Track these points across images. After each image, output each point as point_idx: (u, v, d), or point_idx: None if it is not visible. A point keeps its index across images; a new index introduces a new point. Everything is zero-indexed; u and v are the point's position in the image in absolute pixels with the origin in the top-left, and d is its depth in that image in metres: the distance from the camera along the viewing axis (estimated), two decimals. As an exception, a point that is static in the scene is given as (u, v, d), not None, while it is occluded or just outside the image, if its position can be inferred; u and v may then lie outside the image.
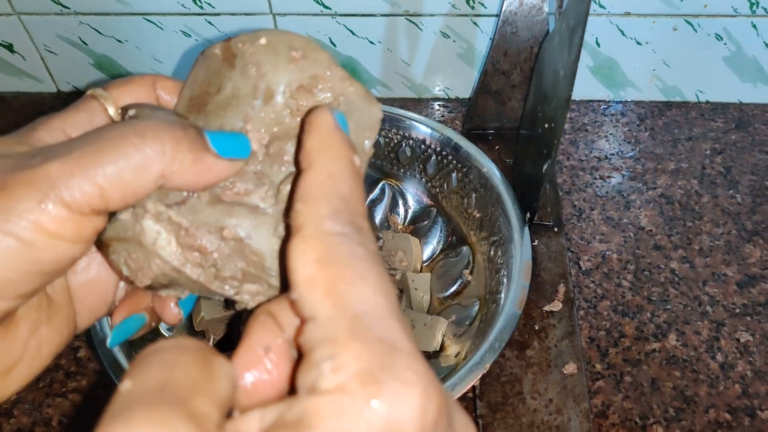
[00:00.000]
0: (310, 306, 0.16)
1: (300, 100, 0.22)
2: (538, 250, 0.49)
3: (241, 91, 0.23)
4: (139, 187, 0.19)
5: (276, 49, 0.22)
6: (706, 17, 0.55)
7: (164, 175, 0.20)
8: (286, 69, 0.22)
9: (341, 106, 0.23)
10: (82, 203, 0.18)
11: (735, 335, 0.46)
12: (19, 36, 0.62)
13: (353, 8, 0.57)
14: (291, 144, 0.22)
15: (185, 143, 0.20)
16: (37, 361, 0.21)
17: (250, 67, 0.23)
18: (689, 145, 0.59)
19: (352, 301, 0.16)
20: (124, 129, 0.19)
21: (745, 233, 0.52)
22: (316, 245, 0.17)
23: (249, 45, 0.23)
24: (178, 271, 0.21)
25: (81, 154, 0.18)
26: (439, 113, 0.63)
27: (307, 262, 0.17)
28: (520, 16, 0.51)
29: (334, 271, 0.16)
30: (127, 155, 0.19)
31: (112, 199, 0.19)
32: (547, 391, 0.42)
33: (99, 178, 0.18)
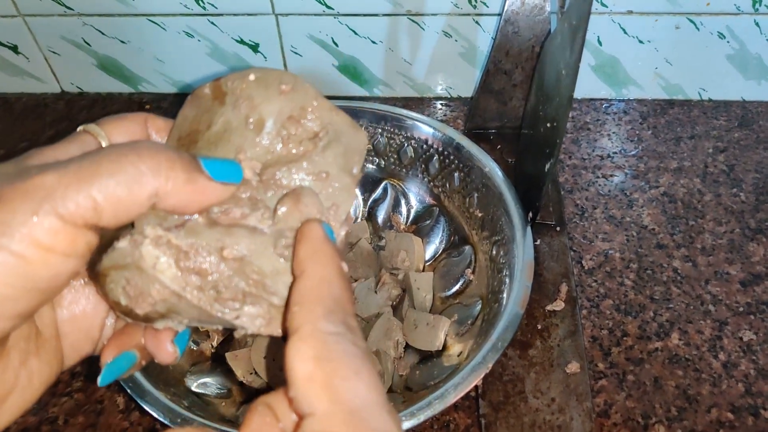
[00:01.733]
0: (308, 401, 0.18)
1: (290, 129, 0.23)
2: (541, 250, 0.49)
3: (232, 124, 0.23)
4: (132, 203, 0.19)
5: (266, 83, 0.24)
6: (709, 15, 0.55)
7: (158, 193, 0.20)
8: (277, 100, 0.23)
9: (329, 134, 0.24)
10: (75, 215, 0.18)
11: (738, 334, 0.46)
12: (23, 37, 0.62)
13: (355, 8, 0.57)
14: (284, 170, 0.23)
15: (179, 163, 0.20)
16: (28, 393, 0.21)
17: (241, 101, 0.23)
18: (692, 143, 0.59)
19: (348, 397, 0.17)
20: (122, 147, 0.20)
21: (748, 231, 0.52)
22: (313, 344, 0.18)
23: (239, 82, 0.24)
24: (178, 296, 0.21)
25: (78, 167, 0.19)
26: (441, 112, 0.63)
27: (304, 360, 0.18)
28: (521, 16, 0.51)
29: (330, 367, 0.18)
30: (123, 170, 0.19)
31: (105, 213, 0.19)
32: (550, 390, 0.42)
33: (93, 191, 0.18)
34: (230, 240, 0.22)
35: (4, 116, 0.65)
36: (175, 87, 0.66)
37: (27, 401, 0.21)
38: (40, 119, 0.65)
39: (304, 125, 0.24)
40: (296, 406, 0.18)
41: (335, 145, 0.24)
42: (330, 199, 0.24)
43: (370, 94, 0.64)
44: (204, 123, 0.24)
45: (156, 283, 0.21)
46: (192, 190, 0.21)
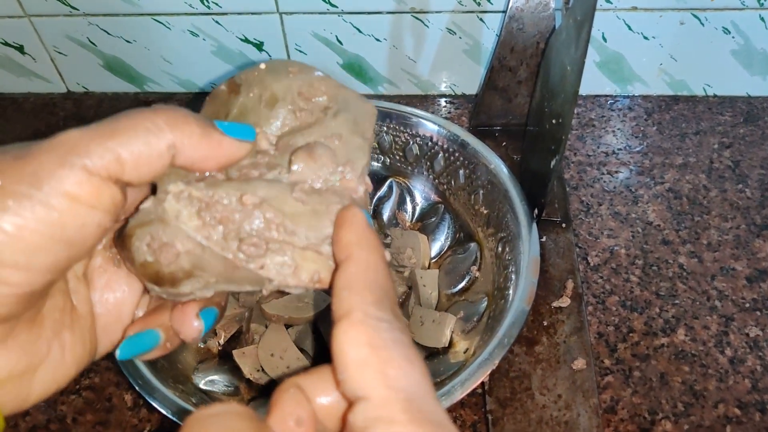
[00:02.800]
0: (362, 386, 0.18)
1: (300, 104, 0.25)
2: (546, 246, 0.49)
3: (247, 106, 0.25)
4: (152, 155, 0.20)
5: (275, 68, 0.25)
6: (714, 11, 0.55)
7: (175, 144, 0.21)
8: (286, 79, 0.25)
9: (339, 104, 0.25)
10: (99, 167, 0.19)
11: (744, 330, 0.46)
12: (29, 37, 0.62)
13: (359, 6, 0.57)
14: (297, 136, 0.24)
15: (194, 119, 0.21)
16: (61, 369, 0.22)
17: (254, 86, 0.25)
18: (697, 139, 0.59)
19: (404, 384, 0.18)
20: (141, 109, 0.21)
21: (754, 227, 0.52)
22: (365, 330, 0.18)
23: (251, 72, 0.25)
24: (201, 246, 0.22)
25: (99, 125, 0.20)
26: (446, 110, 0.63)
27: (358, 345, 0.18)
28: (526, 12, 0.51)
29: (385, 354, 0.18)
30: (141, 125, 0.20)
31: (128, 166, 0.20)
32: (556, 386, 0.42)
33: (114, 144, 0.19)
34: (249, 188, 0.22)
35: (15, 116, 0.66)
36: (181, 86, 0.66)
37: (59, 378, 0.22)
38: (51, 117, 0.65)
39: (314, 100, 0.25)
40: (347, 389, 0.18)
41: (345, 114, 0.25)
42: (344, 157, 0.24)
43: (374, 91, 0.64)
44: (222, 114, 0.25)
45: (179, 234, 0.22)
46: (208, 144, 0.21)
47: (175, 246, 0.22)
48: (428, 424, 0.17)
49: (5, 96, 0.68)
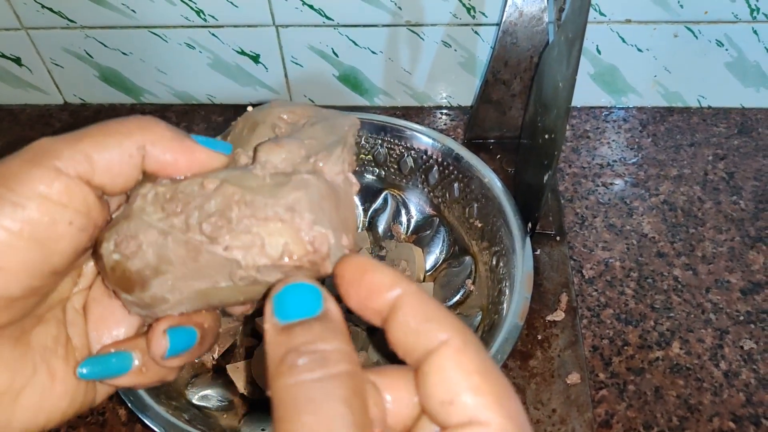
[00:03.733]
0: (479, 412, 0.17)
1: (280, 124, 0.25)
2: (541, 260, 0.49)
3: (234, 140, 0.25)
4: (122, 156, 0.20)
5: (260, 107, 0.26)
6: (707, 23, 0.56)
7: (145, 146, 0.21)
8: (269, 108, 0.26)
9: (318, 118, 0.25)
10: (69, 167, 0.19)
11: (739, 343, 0.46)
12: (26, 50, 0.63)
13: (355, 19, 0.57)
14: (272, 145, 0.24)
15: (164, 124, 0.21)
16: (48, 398, 0.21)
17: (240, 123, 0.26)
18: (691, 150, 0.59)
19: (516, 413, 0.17)
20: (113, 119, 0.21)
21: (748, 240, 0.52)
22: (471, 357, 0.18)
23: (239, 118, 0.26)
24: (164, 234, 0.21)
25: (71, 133, 0.20)
26: (441, 121, 0.63)
27: (469, 372, 0.17)
28: (520, 27, 0.51)
29: (495, 383, 0.17)
30: (112, 129, 0.20)
31: (98, 166, 0.20)
32: (551, 401, 0.42)
33: (85, 145, 0.20)
34: (210, 174, 0.22)
35: (11, 127, 0.66)
36: (177, 98, 0.66)
37: (47, 407, 0.21)
38: (47, 128, 0.65)
39: (293, 121, 0.25)
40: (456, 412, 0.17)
41: (322, 122, 0.25)
42: (316, 149, 0.23)
43: (370, 103, 0.65)
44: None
45: (142, 226, 0.21)
46: (179, 147, 0.21)
47: (138, 237, 0.21)
48: None
49: (2, 107, 0.68)
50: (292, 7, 0.57)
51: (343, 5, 0.56)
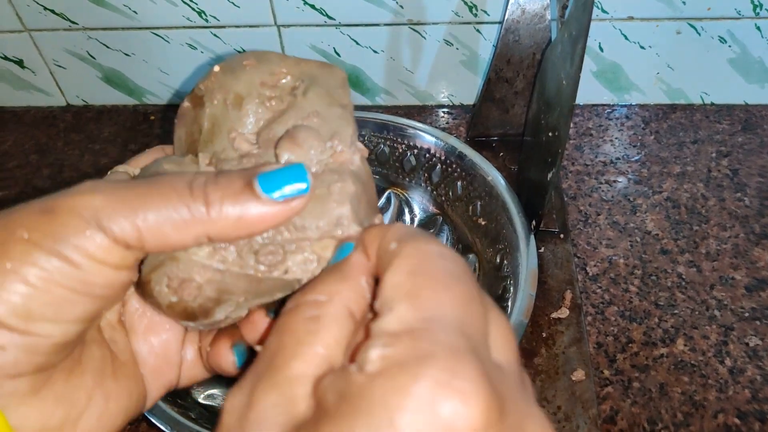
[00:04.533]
0: (389, 305, 0.17)
1: (267, 93, 0.24)
2: (545, 257, 0.49)
3: (216, 115, 0.24)
4: (178, 242, 0.19)
5: (230, 68, 0.24)
6: (710, 20, 0.55)
7: (208, 236, 0.20)
8: (244, 75, 0.24)
9: (305, 82, 0.24)
10: (120, 239, 0.19)
11: (744, 339, 0.46)
12: (29, 51, 0.63)
13: (357, 18, 0.57)
14: (275, 127, 0.23)
15: (228, 201, 0.19)
16: (105, 419, 0.21)
17: (215, 93, 0.24)
18: (695, 147, 0.59)
19: (428, 305, 0.17)
20: (174, 178, 0.20)
21: (753, 236, 0.52)
22: (411, 260, 0.18)
23: (208, 80, 0.24)
24: (220, 272, 0.21)
25: (126, 192, 0.19)
26: (444, 120, 0.63)
27: (399, 273, 0.18)
28: (522, 24, 0.51)
29: (422, 279, 0.17)
30: (170, 205, 0.19)
31: (149, 244, 0.19)
32: (556, 398, 0.42)
33: (139, 221, 0.19)
34: None
35: (15, 128, 0.66)
36: (180, 98, 0.66)
37: (105, 428, 0.21)
38: (51, 129, 0.66)
39: (279, 85, 0.24)
40: (378, 311, 0.18)
41: (315, 88, 0.24)
42: (329, 131, 0.23)
43: (372, 102, 0.65)
44: (196, 131, 0.24)
45: (194, 267, 0.21)
46: (245, 226, 0.20)
47: (195, 279, 0.21)
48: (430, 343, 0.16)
49: (5, 109, 0.68)
50: (293, 7, 0.57)
51: (344, 5, 0.56)
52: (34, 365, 0.18)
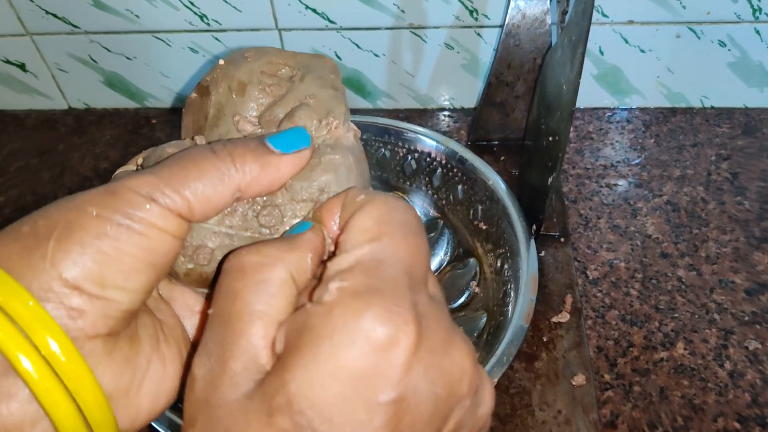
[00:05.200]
0: (352, 244, 0.20)
1: (267, 81, 0.27)
2: (545, 261, 0.49)
3: (221, 102, 0.26)
4: (219, 201, 0.22)
5: (233, 60, 0.27)
6: (709, 24, 0.56)
7: (240, 188, 0.22)
8: (247, 64, 0.27)
9: (301, 70, 0.27)
10: (174, 210, 0.21)
11: (744, 343, 0.46)
12: (31, 55, 0.63)
13: (358, 22, 0.57)
14: (276, 109, 0.26)
15: (250, 156, 0.23)
16: (165, 382, 0.23)
17: (221, 82, 0.27)
18: (695, 151, 0.59)
19: (387, 252, 0.20)
20: (197, 150, 0.23)
21: (753, 240, 0.52)
22: (379, 208, 0.21)
23: (213, 72, 0.27)
24: (229, 236, 0.23)
25: (170, 171, 0.22)
26: (445, 123, 0.63)
27: (367, 217, 0.21)
28: (522, 29, 0.51)
29: (386, 227, 0.21)
30: (208, 173, 0.22)
31: (196, 211, 0.22)
32: (556, 402, 0.42)
33: (187, 193, 0.21)
34: None
35: (17, 131, 0.66)
36: (181, 102, 0.66)
37: (165, 391, 0.23)
38: (52, 132, 0.66)
39: (277, 74, 0.27)
40: (339, 249, 0.21)
41: (310, 75, 0.27)
42: (323, 109, 0.26)
43: (373, 106, 0.65)
44: (202, 118, 0.27)
45: (206, 234, 0.23)
46: (267, 174, 0.23)
47: (207, 245, 0.23)
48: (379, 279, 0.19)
49: (7, 113, 0.68)
50: (294, 11, 0.57)
51: (345, 9, 0.56)
52: (107, 328, 0.20)
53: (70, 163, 0.62)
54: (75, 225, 0.20)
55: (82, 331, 0.20)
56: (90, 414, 0.20)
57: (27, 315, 0.19)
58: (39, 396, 0.19)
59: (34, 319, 0.19)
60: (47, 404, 0.19)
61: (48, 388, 0.19)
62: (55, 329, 0.19)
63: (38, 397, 0.19)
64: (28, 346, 0.19)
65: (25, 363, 0.19)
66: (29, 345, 0.19)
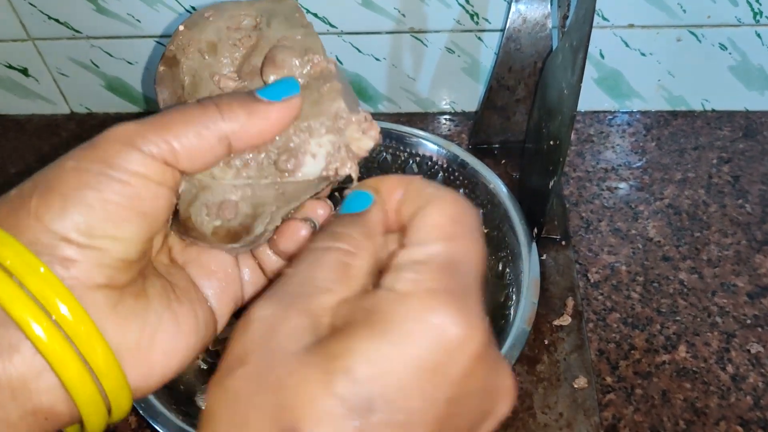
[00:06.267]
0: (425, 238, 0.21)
1: (235, 35, 0.27)
2: (547, 264, 0.49)
3: (194, 67, 0.26)
4: (205, 148, 0.22)
5: (194, 23, 0.27)
6: (710, 27, 0.56)
7: (228, 136, 0.22)
8: (209, 25, 0.27)
9: (264, 16, 0.27)
10: (156, 156, 0.21)
11: (746, 346, 0.46)
12: (33, 60, 0.63)
13: (359, 26, 0.58)
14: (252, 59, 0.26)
15: (236, 103, 0.22)
16: (179, 337, 0.23)
17: (187, 49, 0.26)
18: (696, 154, 0.59)
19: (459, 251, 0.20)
20: (185, 104, 0.23)
21: (755, 243, 0.52)
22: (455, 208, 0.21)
23: (176, 39, 0.27)
24: (250, 186, 0.24)
25: (152, 120, 0.21)
26: (446, 127, 0.63)
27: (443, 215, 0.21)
28: (523, 33, 0.51)
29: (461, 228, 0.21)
30: (192, 119, 0.22)
31: (182, 157, 0.22)
32: (558, 405, 0.42)
33: (169, 137, 0.21)
34: None
35: (17, 136, 0.67)
36: (183, 106, 0.67)
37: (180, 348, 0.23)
38: (54, 137, 0.66)
39: (242, 26, 0.27)
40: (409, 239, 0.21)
41: (275, 18, 0.27)
42: (301, 48, 0.26)
43: (374, 110, 0.65)
44: (179, 87, 0.27)
45: (225, 189, 0.24)
46: (257, 123, 0.23)
47: (230, 199, 0.23)
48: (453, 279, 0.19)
49: (9, 117, 0.69)
50: (296, 16, 0.57)
51: (346, 13, 0.57)
52: (105, 278, 0.20)
53: (72, 168, 0.62)
54: (54, 180, 0.20)
55: (77, 280, 0.20)
56: (96, 366, 0.20)
57: (18, 264, 0.19)
58: (40, 348, 0.19)
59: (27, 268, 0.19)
60: (50, 355, 0.19)
61: (49, 339, 0.19)
62: (50, 278, 0.19)
63: (40, 349, 0.19)
64: (24, 295, 0.19)
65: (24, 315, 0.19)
66: (25, 294, 0.19)
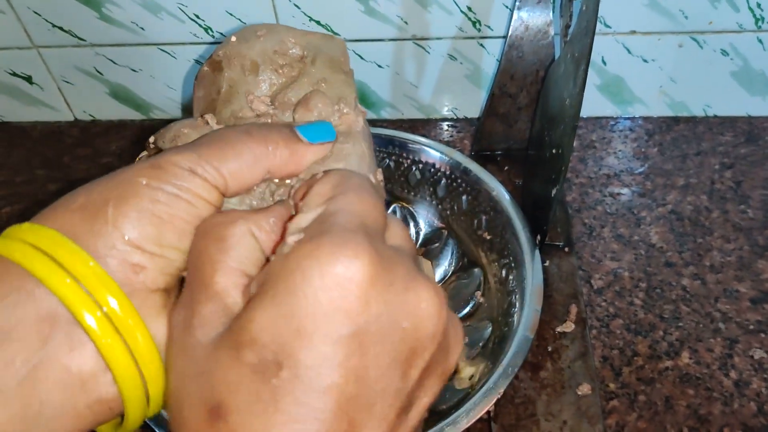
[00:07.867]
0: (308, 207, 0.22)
1: (279, 60, 0.28)
2: (550, 271, 0.49)
3: (234, 79, 0.27)
4: (251, 180, 0.24)
5: (245, 37, 0.28)
6: (712, 33, 0.56)
7: (270, 170, 0.25)
8: (258, 43, 0.28)
9: (312, 51, 0.28)
10: (212, 182, 0.23)
11: (749, 352, 0.46)
12: (37, 68, 0.64)
13: (361, 34, 0.58)
14: (289, 92, 0.27)
15: (282, 142, 0.25)
16: None
17: (233, 59, 0.27)
18: (698, 159, 0.59)
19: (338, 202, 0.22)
20: (238, 132, 0.25)
21: (757, 248, 0.52)
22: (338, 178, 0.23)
23: (225, 47, 0.28)
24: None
25: (209, 148, 0.24)
26: (448, 133, 0.64)
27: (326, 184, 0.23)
28: (525, 41, 0.52)
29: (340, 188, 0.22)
30: (243, 154, 0.24)
31: (230, 186, 0.24)
32: (561, 412, 0.42)
33: (224, 170, 0.23)
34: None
35: (22, 143, 0.67)
36: (187, 113, 0.67)
37: None
38: (58, 144, 0.66)
39: (289, 54, 0.28)
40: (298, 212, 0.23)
41: (321, 57, 0.28)
42: (335, 95, 0.27)
43: (377, 116, 0.65)
44: (215, 92, 0.28)
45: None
46: (295, 160, 0.25)
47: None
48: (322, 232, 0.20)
49: (13, 125, 0.69)
50: (299, 23, 0.57)
51: (349, 20, 0.57)
52: (164, 283, 0.22)
53: (76, 175, 0.63)
54: (129, 193, 0.22)
55: (143, 284, 0.22)
56: (144, 366, 0.21)
57: (88, 273, 0.20)
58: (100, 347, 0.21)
59: (95, 276, 0.21)
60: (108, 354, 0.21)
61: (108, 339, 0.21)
62: (112, 285, 0.21)
63: (100, 349, 0.21)
64: (90, 302, 0.20)
65: (87, 318, 0.20)
66: (91, 301, 0.20)
